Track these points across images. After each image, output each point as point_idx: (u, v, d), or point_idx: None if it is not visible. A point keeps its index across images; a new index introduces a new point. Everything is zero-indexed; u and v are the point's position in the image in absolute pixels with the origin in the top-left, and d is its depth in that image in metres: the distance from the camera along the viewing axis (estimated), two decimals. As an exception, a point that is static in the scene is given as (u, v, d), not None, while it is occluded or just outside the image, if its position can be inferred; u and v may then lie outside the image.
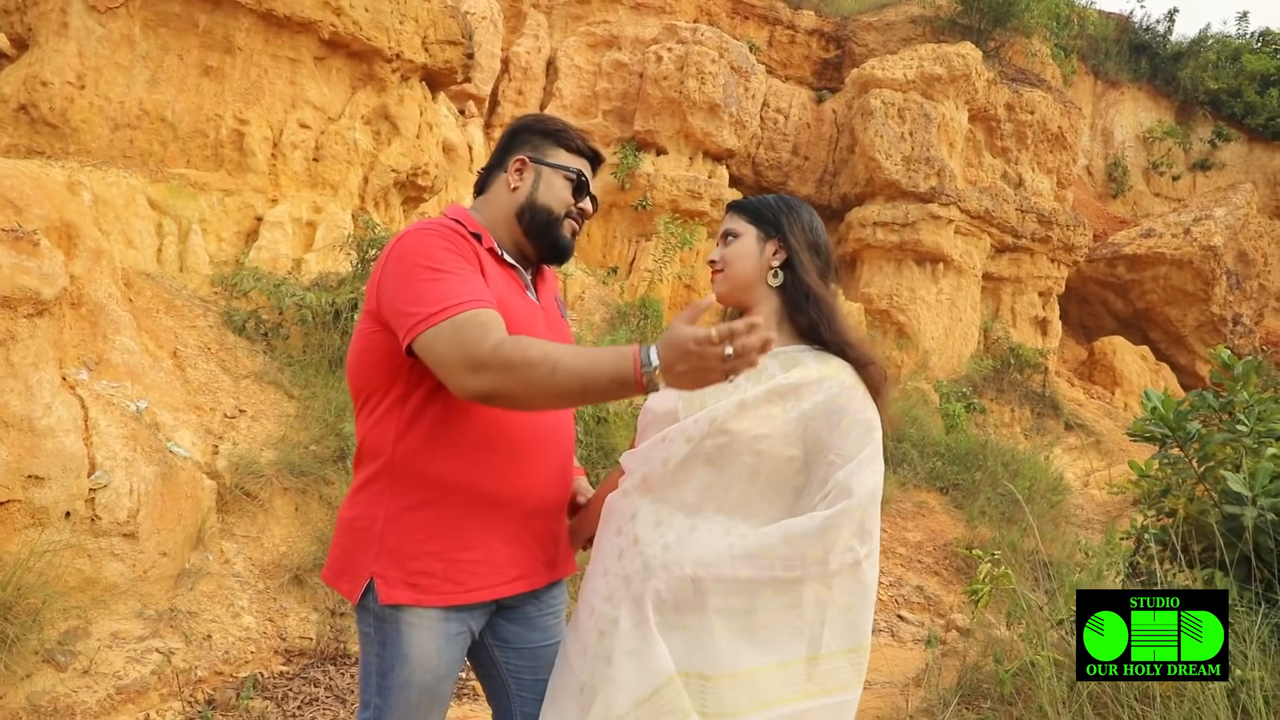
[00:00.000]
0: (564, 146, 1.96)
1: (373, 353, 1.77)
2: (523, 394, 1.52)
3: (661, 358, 1.40)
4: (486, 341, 1.54)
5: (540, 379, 1.49)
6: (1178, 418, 3.78)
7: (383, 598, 1.71)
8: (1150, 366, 18.13)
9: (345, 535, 1.81)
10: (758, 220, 1.91)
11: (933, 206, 15.15)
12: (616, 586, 1.70)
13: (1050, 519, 9.36)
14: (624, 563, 1.71)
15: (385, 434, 1.75)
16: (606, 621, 1.67)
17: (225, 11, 7.40)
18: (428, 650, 1.73)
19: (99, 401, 4.32)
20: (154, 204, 6.95)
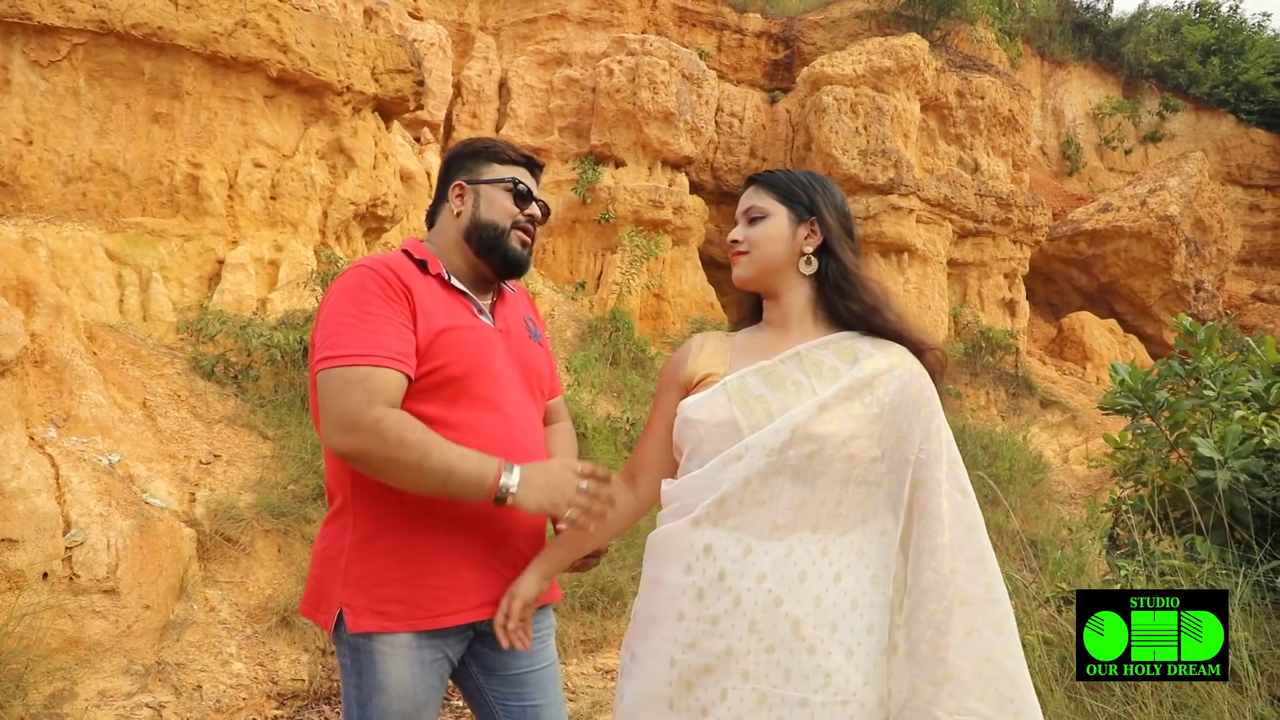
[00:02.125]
0: (496, 160, 1.98)
1: None
2: (383, 468, 1.61)
3: (524, 478, 1.65)
4: (368, 408, 1.60)
5: (407, 461, 1.59)
6: (1146, 388, 3.83)
7: (351, 626, 1.72)
8: (1119, 339, 18.38)
9: (317, 567, 1.83)
10: (789, 200, 1.77)
11: (892, 198, 15.30)
12: (701, 631, 1.54)
13: (1033, 498, 9.45)
14: (707, 603, 1.54)
15: (345, 466, 1.75)
16: (694, 671, 1.54)
17: (170, 57, 7.35)
18: (402, 678, 1.73)
19: (69, 458, 4.26)
20: (112, 255, 6.87)
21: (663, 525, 1.64)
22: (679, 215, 15.99)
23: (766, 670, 1.51)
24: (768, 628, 1.51)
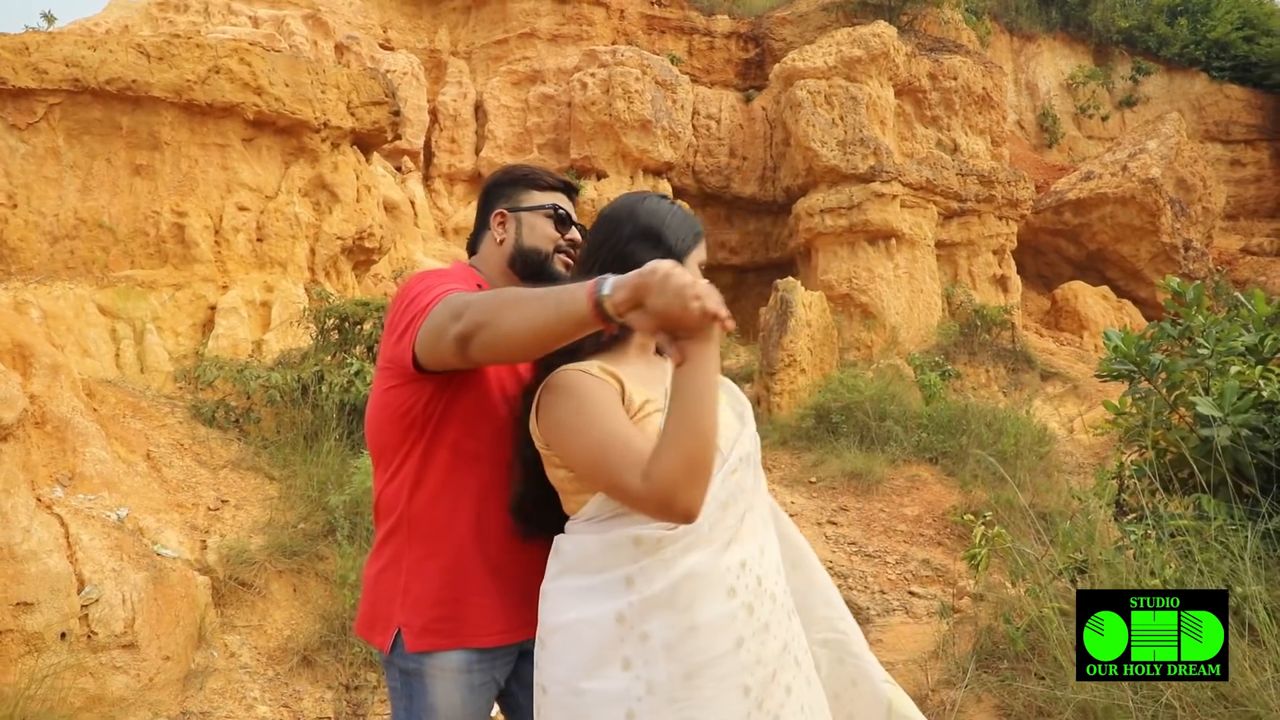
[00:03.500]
0: (535, 187, 2.03)
1: (386, 409, 1.83)
2: (494, 320, 1.53)
3: (633, 284, 1.33)
4: (467, 295, 1.63)
5: (507, 300, 1.55)
6: (1140, 352, 3.85)
7: (409, 645, 1.76)
8: (1113, 305, 18.42)
9: (373, 589, 1.87)
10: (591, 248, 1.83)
11: (875, 185, 15.35)
12: (760, 643, 1.56)
13: (1042, 470, 9.45)
14: (759, 615, 1.56)
15: (401, 489, 1.82)
16: (763, 684, 1.54)
17: (146, 109, 7.39)
18: (453, 701, 1.77)
19: (78, 516, 4.27)
20: (104, 310, 6.89)
21: (675, 568, 1.50)
22: (665, 221, 16.04)
23: (804, 647, 1.70)
24: (790, 609, 1.67)
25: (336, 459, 5.78)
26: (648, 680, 1.46)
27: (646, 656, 1.47)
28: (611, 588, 1.50)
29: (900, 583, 7.10)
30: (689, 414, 1.40)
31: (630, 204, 1.73)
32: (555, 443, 1.57)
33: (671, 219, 1.70)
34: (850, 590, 6.67)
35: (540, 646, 1.60)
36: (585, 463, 1.50)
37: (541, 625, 1.61)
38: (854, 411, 10.07)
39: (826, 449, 9.76)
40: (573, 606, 1.53)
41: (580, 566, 1.55)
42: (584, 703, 1.48)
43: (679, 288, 1.30)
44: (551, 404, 1.57)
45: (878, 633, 5.65)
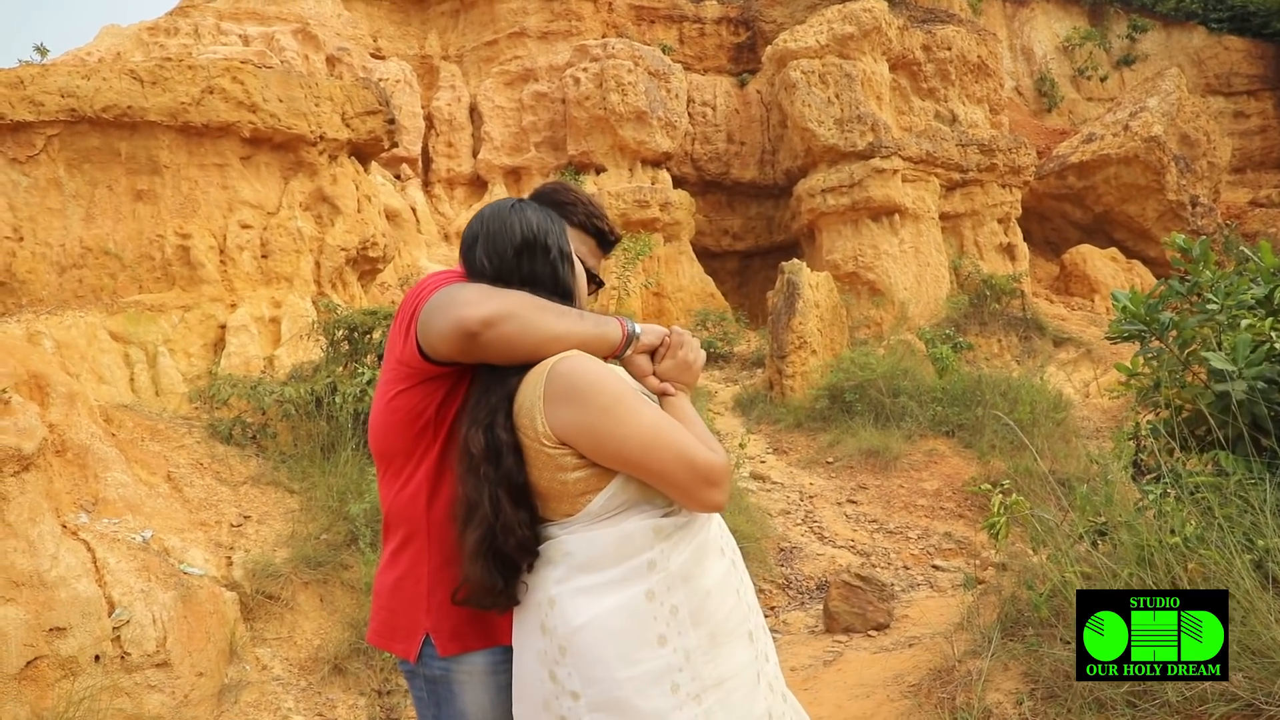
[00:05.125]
0: (567, 220, 1.89)
1: (395, 414, 1.76)
2: (527, 314, 1.58)
3: (657, 337, 1.73)
4: (488, 286, 1.64)
5: (544, 303, 1.61)
6: (1149, 311, 3.82)
7: (441, 650, 1.73)
8: (1123, 267, 18.30)
9: (391, 597, 1.81)
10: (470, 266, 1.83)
11: (875, 161, 15.29)
12: (746, 586, 1.71)
13: (1059, 437, 9.42)
14: (739, 566, 1.73)
15: (416, 497, 1.76)
16: (758, 626, 1.71)
17: (143, 134, 7.43)
18: (483, 703, 1.75)
19: (103, 540, 4.32)
20: (116, 336, 6.95)
21: (689, 544, 1.58)
22: (666, 212, 16.03)
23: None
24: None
25: (354, 468, 5.82)
26: (684, 650, 1.52)
27: (679, 627, 1.53)
28: (633, 574, 1.53)
29: (923, 557, 7.11)
30: (696, 423, 1.62)
31: (506, 226, 1.71)
32: (589, 434, 1.53)
33: (544, 226, 1.73)
34: (874, 567, 6.68)
35: (559, 655, 1.54)
36: (636, 448, 1.51)
37: (553, 634, 1.55)
38: (867, 389, 10.06)
39: (842, 429, 9.76)
40: (592, 603, 1.52)
41: (593, 564, 1.54)
42: (628, 692, 1.49)
43: (688, 363, 1.72)
44: (576, 394, 1.54)
45: (903, 608, 5.66)
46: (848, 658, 4.66)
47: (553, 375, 1.55)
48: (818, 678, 4.40)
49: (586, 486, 1.55)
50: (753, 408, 11.28)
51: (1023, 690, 2.81)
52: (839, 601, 5.40)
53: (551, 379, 1.55)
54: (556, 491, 1.58)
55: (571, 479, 1.56)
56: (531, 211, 1.74)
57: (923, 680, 3.49)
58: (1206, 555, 2.60)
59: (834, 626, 5.34)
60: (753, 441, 9.74)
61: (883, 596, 5.47)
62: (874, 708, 3.49)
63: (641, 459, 1.51)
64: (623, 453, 1.51)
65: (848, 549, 7.17)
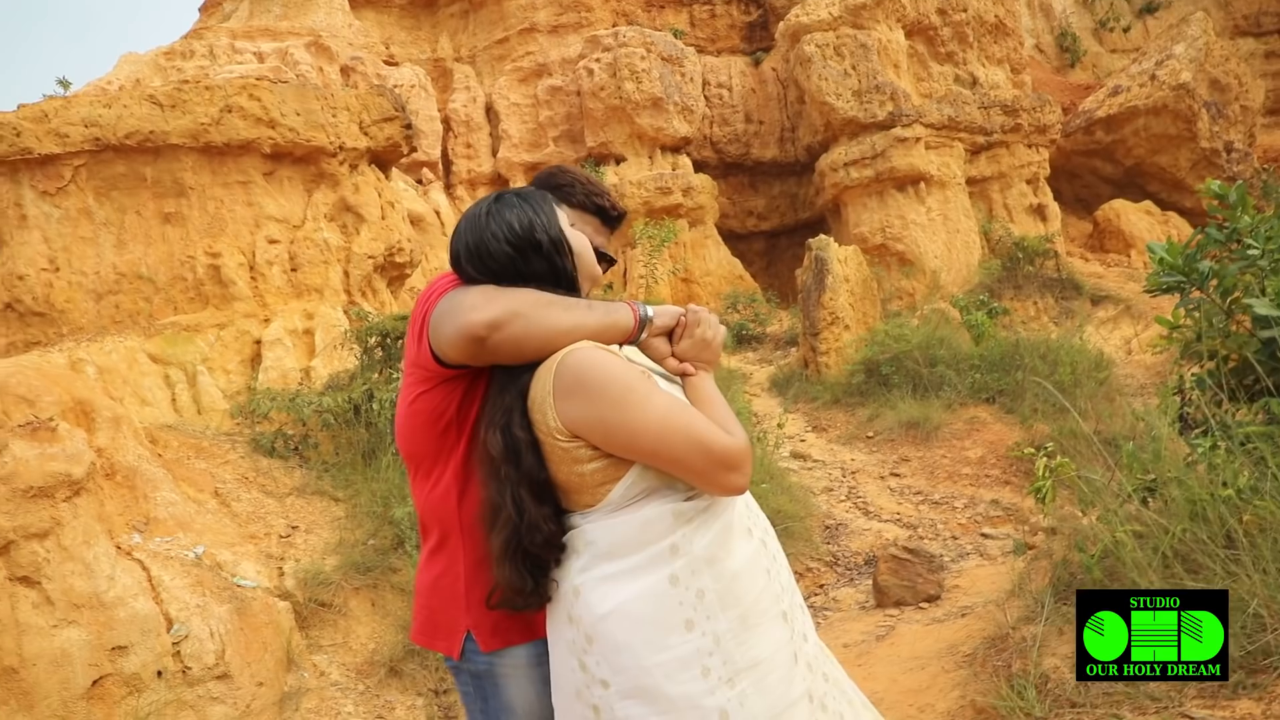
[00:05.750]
0: (567, 202, 1.89)
1: (418, 416, 1.76)
2: (534, 313, 1.57)
3: (672, 317, 1.70)
4: (491, 288, 1.62)
5: (550, 299, 1.59)
6: (1187, 261, 3.73)
7: (484, 645, 1.73)
8: (1158, 219, 17.94)
9: (430, 595, 1.82)
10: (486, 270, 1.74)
11: (896, 131, 15.11)
12: (778, 565, 1.68)
13: (1103, 396, 9.26)
14: (769, 545, 1.68)
15: (446, 497, 1.77)
16: (791, 603, 1.68)
17: (167, 157, 7.54)
18: (528, 695, 1.75)
19: (157, 559, 4.40)
20: (155, 358, 7.07)
21: (713, 526, 1.56)
22: (689, 197, 15.97)
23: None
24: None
25: (396, 473, 5.87)
26: (713, 634, 1.50)
27: (707, 611, 1.50)
28: (656, 560, 1.51)
29: (971, 526, 7.03)
30: (717, 404, 1.59)
31: (487, 235, 1.65)
32: (601, 427, 1.51)
33: (525, 221, 1.65)
34: (921, 539, 6.62)
35: (587, 644, 1.53)
36: (650, 437, 1.49)
37: (580, 624, 1.54)
38: (903, 361, 9.97)
39: (880, 402, 9.68)
40: (616, 591, 1.51)
41: (615, 551, 1.53)
42: (657, 678, 1.48)
43: (707, 340, 1.68)
44: (585, 388, 1.51)
45: (953, 578, 5.61)
46: (900, 631, 4.63)
47: (561, 369, 1.53)
48: (871, 653, 4.37)
49: (605, 477, 1.54)
50: (789, 387, 11.22)
51: (1080, 654, 2.77)
52: (888, 575, 5.36)
53: (560, 373, 1.53)
54: (575, 484, 1.57)
55: (589, 470, 1.54)
56: (509, 210, 1.66)
57: (977, 649, 3.45)
58: (1261, 506, 2.54)
59: (884, 601, 5.30)
60: (791, 420, 9.70)
61: (932, 568, 5.42)
62: (929, 680, 3.47)
63: (655, 448, 1.48)
64: (636, 443, 1.49)
65: (894, 522, 7.12)
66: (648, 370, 1.64)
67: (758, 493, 6.64)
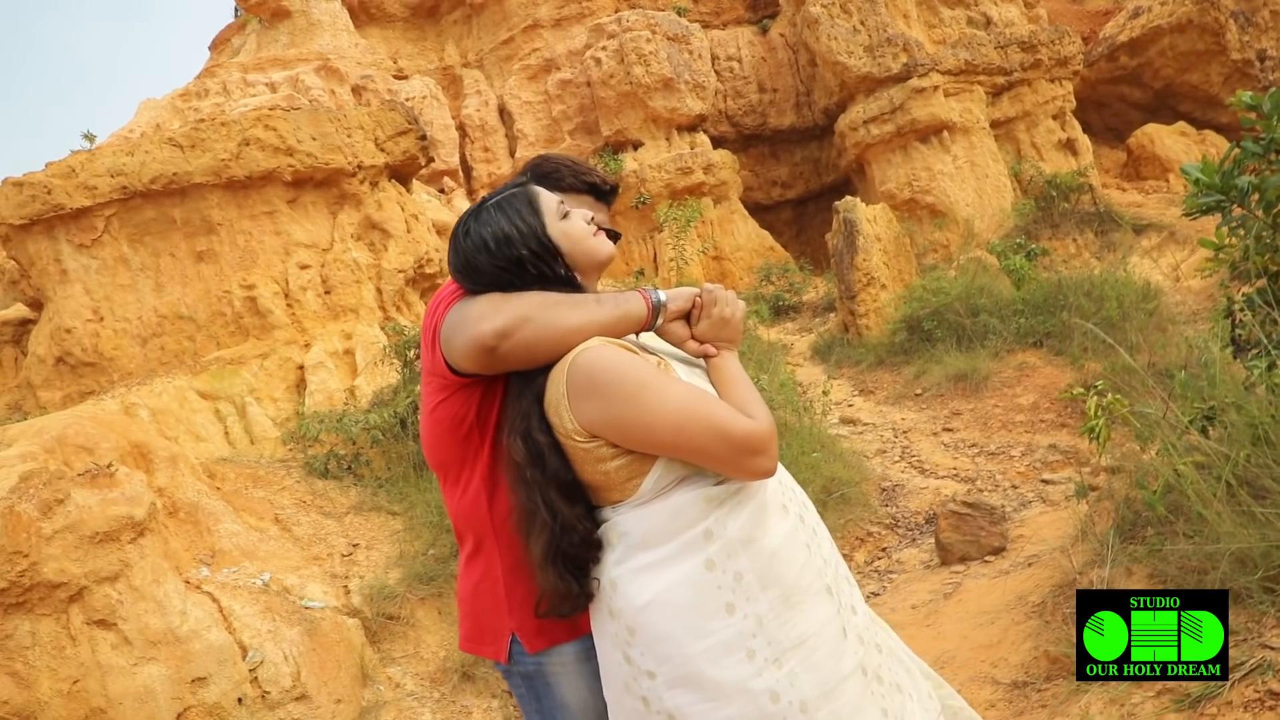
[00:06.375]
0: (557, 188, 1.89)
1: (440, 424, 1.78)
2: (543, 316, 1.55)
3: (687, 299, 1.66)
4: (498, 295, 1.60)
5: (558, 300, 1.57)
6: (1225, 178, 3.61)
7: (530, 647, 1.73)
8: (1194, 140, 17.40)
9: (472, 602, 1.83)
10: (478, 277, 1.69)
11: (913, 82, 14.83)
12: (816, 540, 1.64)
13: (1155, 327, 9.03)
14: (806, 520, 1.65)
15: (477, 502, 1.77)
16: (833, 575, 1.65)
17: (193, 197, 7.67)
18: (580, 692, 1.75)
19: (226, 590, 4.50)
20: (204, 394, 7.21)
21: (745, 508, 1.54)
22: (710, 174, 15.86)
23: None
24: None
25: (448, 481, 5.93)
26: (756, 615, 1.48)
27: (747, 593, 1.49)
28: (690, 546, 1.50)
29: (1030, 474, 6.92)
30: (740, 384, 1.57)
31: (470, 258, 1.63)
32: (617, 425, 1.49)
33: (500, 235, 1.62)
34: (980, 492, 6.53)
35: (630, 636, 1.52)
36: (668, 431, 1.47)
37: (621, 616, 1.53)
38: (945, 314, 9.82)
39: (925, 358, 9.55)
40: (653, 581, 1.50)
41: (648, 541, 1.52)
42: (701, 665, 1.47)
43: (725, 319, 1.64)
44: (597, 387, 1.50)
45: (1017, 528, 5.52)
46: (967, 587, 4.57)
47: (572, 371, 1.51)
48: (939, 611, 4.33)
49: (631, 473, 1.52)
50: (831, 353, 11.12)
51: (1151, 593, 2.70)
52: (949, 532, 5.30)
53: (572, 374, 1.51)
54: (603, 482, 1.55)
55: (613, 468, 1.53)
56: (485, 227, 1.63)
57: (1046, 598, 3.40)
58: (1326, 422, 2.46)
59: (949, 558, 5.24)
60: (836, 386, 9.61)
61: (993, 519, 5.33)
62: (1000, 633, 3.42)
63: (674, 440, 1.47)
64: (653, 438, 1.48)
65: (951, 478, 7.03)
66: (665, 358, 1.62)
67: (809, 462, 6.60)
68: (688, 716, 1.48)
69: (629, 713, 1.57)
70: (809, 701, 1.46)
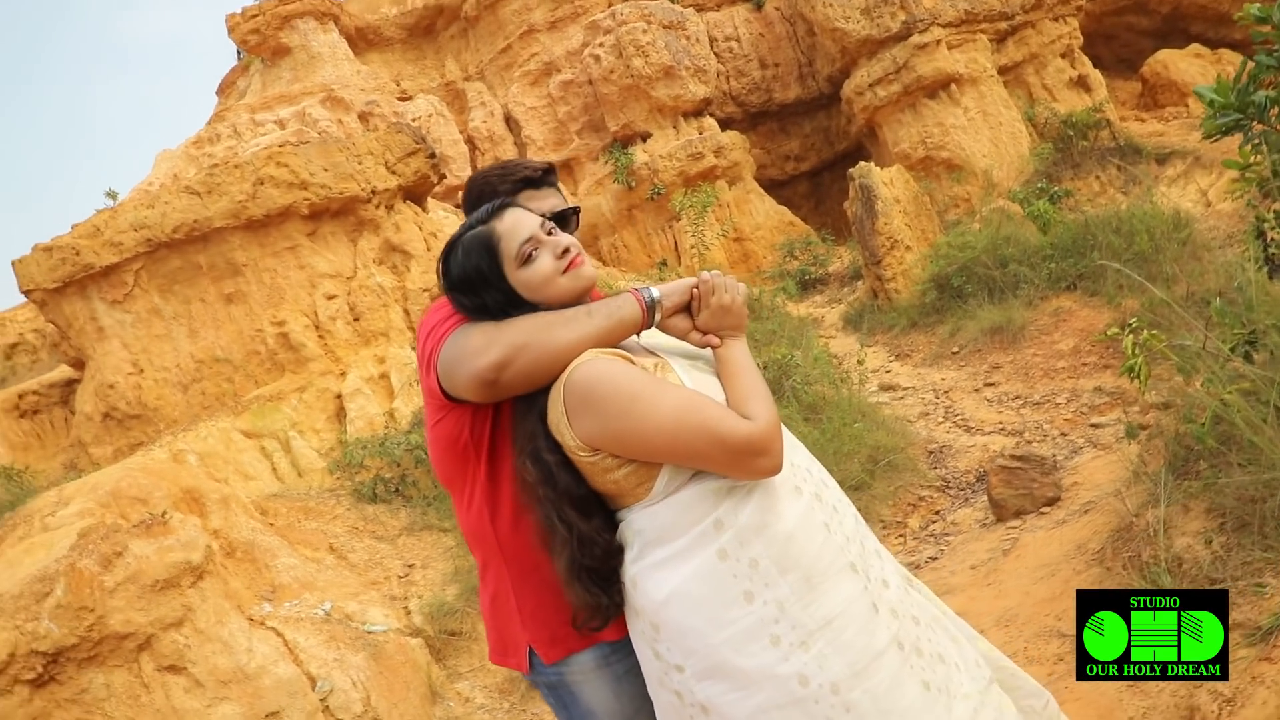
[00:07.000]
0: (495, 196, 1.91)
1: (440, 443, 1.81)
2: (538, 340, 1.56)
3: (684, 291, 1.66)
4: (491, 325, 1.61)
5: (550, 320, 1.57)
6: (1240, 96, 3.51)
7: (546, 658, 1.75)
8: (1210, 60, 16.97)
9: (492, 616, 1.86)
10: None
11: (914, 39, 14.63)
12: (833, 519, 1.60)
13: (1190, 255, 8.83)
14: (824, 499, 1.62)
15: (481, 517, 1.80)
16: (857, 552, 1.61)
17: (215, 241, 7.79)
18: (605, 697, 1.76)
19: (289, 623, 4.57)
20: (248, 434, 7.33)
21: (753, 496, 1.53)
22: (721, 156, 15.78)
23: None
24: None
25: (494, 492, 5.97)
26: (776, 601, 1.48)
27: (764, 580, 1.48)
28: (702, 538, 1.50)
29: (1078, 420, 6.80)
30: (745, 375, 1.57)
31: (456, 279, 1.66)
32: (615, 439, 1.50)
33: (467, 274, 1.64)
34: (1029, 444, 6.43)
35: (655, 632, 1.54)
36: (664, 440, 1.48)
37: (644, 613, 1.55)
38: (973, 269, 9.68)
39: (958, 315, 9.43)
40: (669, 576, 1.51)
41: (662, 537, 1.53)
42: (726, 654, 1.47)
43: (725, 306, 1.62)
44: (591, 404, 1.51)
45: (1070, 476, 5.44)
46: (1024, 541, 4.51)
47: (567, 389, 1.53)
48: (999, 569, 4.27)
49: (640, 478, 1.53)
50: (862, 321, 11.02)
51: (1210, 527, 2.65)
52: (1001, 487, 5.23)
53: (567, 393, 1.53)
54: (615, 490, 1.57)
55: (621, 476, 1.54)
56: (456, 267, 1.65)
57: (1105, 545, 3.34)
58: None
59: (1003, 514, 5.17)
60: (871, 354, 9.53)
61: (1045, 470, 5.26)
62: (1061, 585, 3.37)
63: (671, 449, 1.47)
64: (651, 449, 1.49)
65: (998, 433, 6.94)
66: (665, 358, 1.62)
67: (852, 433, 6.55)
68: (720, 707, 1.48)
69: (666, 707, 1.58)
70: (840, 682, 1.45)
